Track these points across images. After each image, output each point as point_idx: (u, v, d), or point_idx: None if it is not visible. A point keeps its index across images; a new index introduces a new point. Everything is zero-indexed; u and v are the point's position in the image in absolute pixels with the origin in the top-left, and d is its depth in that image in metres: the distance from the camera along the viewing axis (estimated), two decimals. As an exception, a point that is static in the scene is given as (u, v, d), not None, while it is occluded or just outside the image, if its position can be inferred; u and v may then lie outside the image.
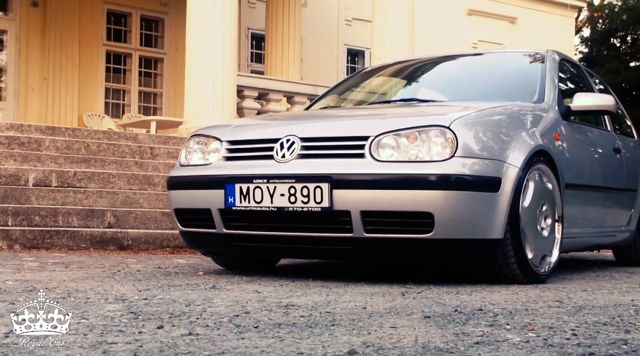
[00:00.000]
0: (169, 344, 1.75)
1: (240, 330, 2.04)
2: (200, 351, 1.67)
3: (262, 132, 4.01)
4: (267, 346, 1.78)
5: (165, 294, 2.94)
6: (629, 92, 24.05)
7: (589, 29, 27.57)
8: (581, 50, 27.26)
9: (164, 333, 1.92)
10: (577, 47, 27.04)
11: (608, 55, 24.89)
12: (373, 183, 3.46)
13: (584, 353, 1.80)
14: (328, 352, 1.72)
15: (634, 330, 2.19)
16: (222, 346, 1.75)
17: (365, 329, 2.11)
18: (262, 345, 1.79)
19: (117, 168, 7.02)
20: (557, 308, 2.75)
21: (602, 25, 25.76)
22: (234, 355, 1.66)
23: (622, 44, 25.56)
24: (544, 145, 3.95)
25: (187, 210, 4.01)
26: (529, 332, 2.12)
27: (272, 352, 1.70)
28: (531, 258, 3.76)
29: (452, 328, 2.18)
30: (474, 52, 5.82)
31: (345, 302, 2.79)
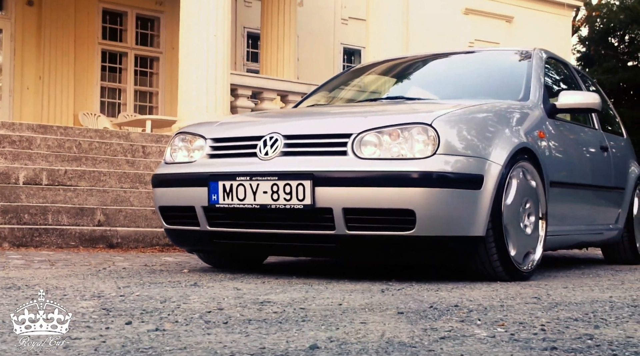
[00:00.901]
0: (133, 339, 1.76)
1: (209, 325, 2.04)
2: (162, 347, 1.68)
3: (246, 129, 4.02)
4: (232, 341, 1.79)
5: (144, 291, 2.95)
6: (627, 91, 24.03)
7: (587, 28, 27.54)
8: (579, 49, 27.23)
9: (131, 329, 1.92)
10: (575, 46, 27.02)
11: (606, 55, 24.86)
12: (355, 181, 3.47)
13: (547, 347, 1.81)
14: (290, 347, 1.73)
15: (603, 326, 2.20)
16: (185, 342, 1.76)
17: (335, 325, 2.12)
18: (227, 340, 1.80)
19: (108, 167, 7.03)
20: (533, 304, 2.75)
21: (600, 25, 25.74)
22: (196, 350, 1.66)
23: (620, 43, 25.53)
24: (527, 142, 3.96)
25: (172, 208, 4.02)
26: (498, 327, 2.13)
27: (234, 347, 1.71)
28: (514, 255, 3.77)
29: (423, 323, 2.18)
30: (463, 50, 5.83)
31: (323, 299, 2.80)
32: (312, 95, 5.38)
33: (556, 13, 18.76)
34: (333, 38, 16.11)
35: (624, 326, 2.21)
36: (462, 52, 5.97)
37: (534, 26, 18.11)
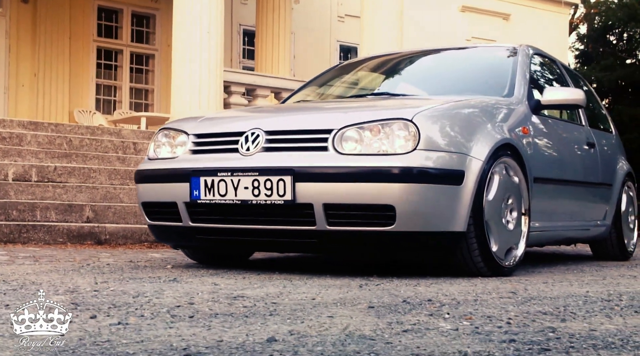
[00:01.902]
0: (92, 333, 1.76)
1: (174, 319, 2.05)
2: (119, 340, 1.68)
3: (228, 125, 4.02)
4: (191, 335, 1.79)
5: (120, 286, 2.95)
6: (625, 88, 24.01)
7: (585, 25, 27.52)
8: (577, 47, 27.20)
9: (94, 323, 1.92)
10: (573, 44, 27.00)
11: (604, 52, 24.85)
12: (335, 176, 3.47)
13: (506, 339, 1.81)
14: (248, 340, 1.73)
15: (570, 319, 2.20)
16: (144, 335, 1.76)
17: (301, 319, 2.12)
18: (187, 334, 1.80)
19: (98, 163, 7.03)
20: (508, 299, 2.76)
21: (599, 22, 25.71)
22: (152, 343, 1.67)
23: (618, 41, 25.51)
24: (510, 138, 3.96)
25: (154, 204, 4.02)
26: (465, 321, 2.13)
27: (191, 340, 1.71)
28: (495, 251, 3.77)
29: (390, 317, 2.19)
30: (453, 47, 5.81)
31: (298, 294, 2.80)
32: (299, 91, 5.38)
33: (553, 11, 18.74)
34: (329, 35, 16.10)
35: (590, 319, 2.21)
36: (452, 49, 5.96)
37: (531, 24, 18.09)
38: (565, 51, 19.05)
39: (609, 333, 1.94)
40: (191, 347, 1.62)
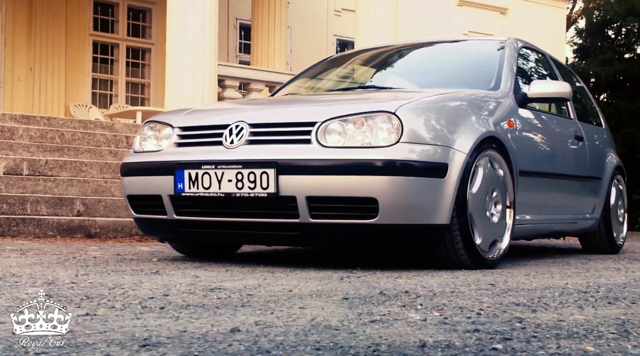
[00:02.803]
0: (58, 323, 1.77)
1: (144, 311, 2.05)
2: (82, 330, 1.69)
3: (213, 118, 4.02)
4: (157, 325, 1.80)
5: (100, 278, 2.96)
6: (623, 83, 23.98)
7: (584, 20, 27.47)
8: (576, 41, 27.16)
9: (62, 314, 1.93)
10: (572, 39, 26.94)
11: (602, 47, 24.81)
12: (318, 169, 3.47)
13: (470, 329, 1.82)
14: (212, 330, 1.74)
15: (541, 310, 2.21)
16: (109, 326, 1.76)
17: (272, 310, 2.13)
18: (152, 325, 1.81)
19: (90, 157, 7.04)
20: (485, 290, 2.76)
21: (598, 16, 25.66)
22: (114, 334, 1.67)
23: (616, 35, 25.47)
24: (495, 131, 3.96)
25: (139, 197, 4.03)
26: (435, 312, 2.14)
27: (154, 331, 1.72)
28: (479, 243, 3.77)
29: (362, 308, 2.19)
30: (444, 40, 5.80)
31: (277, 286, 2.81)
32: (288, 84, 5.38)
33: (551, 5, 18.73)
34: (326, 29, 16.09)
35: (562, 310, 2.21)
36: (443, 42, 5.95)
37: (528, 18, 18.07)
38: (563, 45, 19.04)
39: (575, 324, 1.95)
40: (152, 337, 1.63)
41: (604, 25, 24.92)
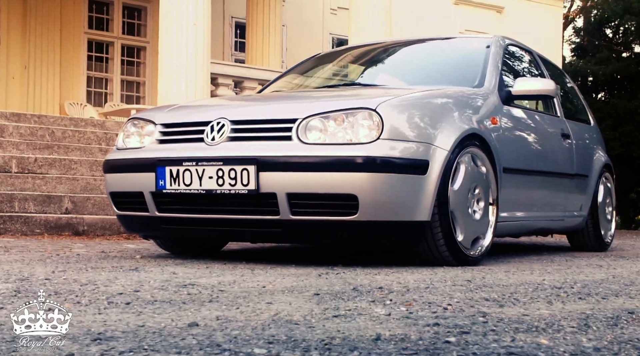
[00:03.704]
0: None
1: (109, 306, 2.05)
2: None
3: (195, 115, 4.02)
4: (117, 320, 1.80)
5: (75, 275, 2.96)
6: (620, 82, 23.98)
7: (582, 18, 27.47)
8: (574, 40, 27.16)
9: (25, 309, 1.93)
10: (570, 37, 26.95)
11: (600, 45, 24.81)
12: (299, 166, 3.47)
13: (431, 323, 1.82)
14: (170, 325, 1.74)
15: (509, 305, 2.21)
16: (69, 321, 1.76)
17: (239, 305, 2.12)
18: (112, 319, 1.81)
19: (80, 155, 7.03)
20: (460, 286, 2.76)
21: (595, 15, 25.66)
22: (72, 328, 1.67)
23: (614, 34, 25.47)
24: (477, 128, 3.96)
25: (122, 194, 4.02)
26: (402, 307, 2.14)
27: (113, 325, 1.72)
28: (461, 240, 3.77)
29: (330, 304, 2.19)
30: (432, 38, 5.79)
31: (252, 282, 2.81)
32: (275, 81, 5.38)
33: (547, 3, 18.70)
34: (322, 28, 16.08)
35: (529, 305, 2.21)
36: (432, 39, 5.94)
37: (524, 17, 18.05)
38: (559, 44, 19.02)
39: (539, 318, 1.95)
40: (108, 332, 1.63)
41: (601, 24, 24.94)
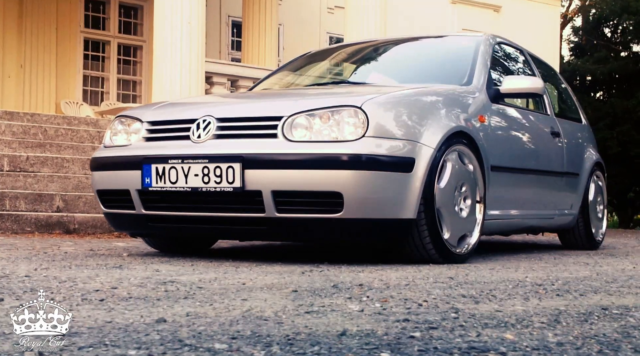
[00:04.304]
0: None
1: (81, 303, 2.05)
2: (6, 320, 1.68)
3: (181, 112, 4.01)
4: (86, 316, 1.80)
5: (56, 273, 2.95)
6: (618, 81, 23.97)
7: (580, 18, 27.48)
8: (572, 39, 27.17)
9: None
10: (569, 37, 26.95)
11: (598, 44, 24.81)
12: (284, 163, 3.47)
13: (400, 319, 1.82)
14: (138, 321, 1.73)
15: (485, 302, 2.20)
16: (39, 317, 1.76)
17: (213, 301, 2.12)
18: (81, 316, 1.80)
19: (73, 153, 7.03)
20: (441, 283, 2.76)
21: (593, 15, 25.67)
22: (40, 322, 1.67)
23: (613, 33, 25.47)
24: (464, 126, 3.95)
25: (108, 192, 4.02)
26: (377, 303, 2.14)
27: (81, 321, 1.71)
28: (447, 238, 3.77)
29: (305, 300, 2.19)
30: (423, 36, 5.77)
31: (233, 279, 2.80)
32: (266, 79, 5.37)
33: (545, 3, 18.68)
34: (319, 27, 16.08)
35: (505, 302, 2.21)
36: (424, 37, 5.93)
37: (522, 16, 18.04)
38: (557, 43, 19.01)
39: (511, 314, 1.95)
40: (74, 328, 1.62)
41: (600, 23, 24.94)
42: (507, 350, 1.45)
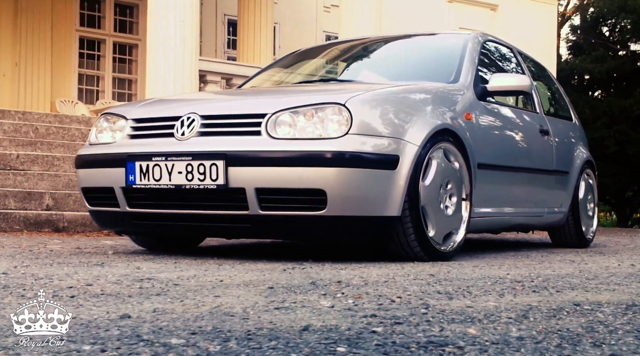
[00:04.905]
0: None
1: (51, 299, 2.04)
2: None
3: (166, 110, 4.00)
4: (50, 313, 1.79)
5: (37, 270, 2.94)
6: (616, 80, 23.95)
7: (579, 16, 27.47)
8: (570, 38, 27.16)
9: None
10: (567, 36, 26.93)
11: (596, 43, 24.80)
12: (267, 161, 3.46)
13: (368, 314, 1.81)
14: (101, 317, 1.73)
15: (458, 298, 2.19)
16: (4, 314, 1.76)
17: (185, 298, 2.11)
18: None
19: (64, 152, 7.02)
20: (420, 280, 2.75)
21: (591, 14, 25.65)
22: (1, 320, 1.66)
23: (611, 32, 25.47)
24: (450, 124, 3.94)
25: (93, 189, 4.01)
26: (350, 299, 2.13)
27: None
28: (432, 235, 3.76)
29: (280, 297, 2.18)
30: (414, 34, 5.76)
31: (213, 276, 2.79)
32: (255, 77, 5.36)
33: (542, 1, 18.68)
34: (315, 25, 16.08)
35: (479, 298, 2.20)
36: (417, 35, 5.91)
37: (518, 15, 18.03)
38: (554, 42, 19.00)
39: (481, 310, 1.94)
40: (35, 323, 1.62)
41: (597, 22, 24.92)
42: (466, 344, 1.44)
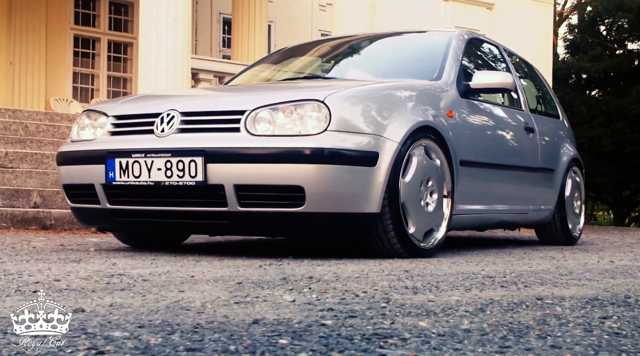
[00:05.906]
0: None
1: (13, 294, 2.04)
2: None
3: (146, 107, 3.99)
4: (8, 307, 1.79)
5: (10, 266, 2.95)
6: (613, 79, 23.95)
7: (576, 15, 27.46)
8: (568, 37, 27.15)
9: None
10: (565, 35, 26.93)
11: (593, 42, 24.79)
12: (246, 157, 3.46)
13: (325, 308, 1.81)
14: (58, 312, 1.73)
15: (423, 293, 2.19)
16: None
17: (149, 293, 2.11)
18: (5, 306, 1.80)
19: (53, 150, 7.02)
20: (393, 276, 2.75)
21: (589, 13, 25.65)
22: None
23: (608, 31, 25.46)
24: (431, 121, 3.94)
25: (74, 186, 4.01)
26: (315, 294, 2.13)
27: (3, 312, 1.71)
28: (413, 232, 3.76)
29: (244, 292, 2.18)
30: (402, 31, 5.76)
31: (185, 272, 2.79)
32: (240, 74, 5.36)
33: (538, 0, 18.67)
34: (310, 24, 16.08)
35: (444, 293, 2.20)
36: (403, 33, 5.91)
37: (514, 13, 18.03)
38: (550, 41, 18.99)
39: (442, 304, 1.94)
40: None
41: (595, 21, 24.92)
42: (412, 336, 1.44)
